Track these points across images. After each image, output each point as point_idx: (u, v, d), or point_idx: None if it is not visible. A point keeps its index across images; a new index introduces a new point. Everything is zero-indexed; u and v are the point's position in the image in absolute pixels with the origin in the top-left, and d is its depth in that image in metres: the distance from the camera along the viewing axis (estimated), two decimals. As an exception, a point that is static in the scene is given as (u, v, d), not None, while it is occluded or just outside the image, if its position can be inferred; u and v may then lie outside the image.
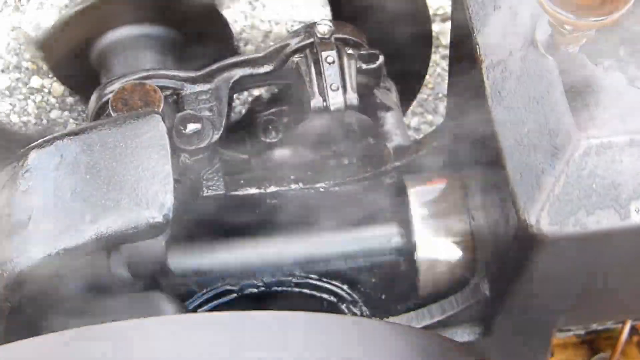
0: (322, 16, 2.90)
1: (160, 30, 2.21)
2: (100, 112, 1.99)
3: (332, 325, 1.35)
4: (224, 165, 1.94)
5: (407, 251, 1.88)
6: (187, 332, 1.28)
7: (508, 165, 1.42)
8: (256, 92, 2.70)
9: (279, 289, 1.92)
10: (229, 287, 1.91)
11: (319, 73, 1.90)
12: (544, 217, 1.37)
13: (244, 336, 1.29)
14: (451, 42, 1.84)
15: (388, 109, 2.06)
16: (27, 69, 3.51)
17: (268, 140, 2.09)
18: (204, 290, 1.90)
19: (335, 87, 1.88)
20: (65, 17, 2.19)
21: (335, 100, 1.88)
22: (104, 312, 1.69)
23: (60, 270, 1.57)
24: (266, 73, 2.01)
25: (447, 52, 3.46)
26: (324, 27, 1.93)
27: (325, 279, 1.93)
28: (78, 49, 2.22)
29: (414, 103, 3.01)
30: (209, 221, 1.90)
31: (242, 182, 1.94)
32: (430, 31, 2.29)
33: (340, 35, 2.00)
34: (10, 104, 3.42)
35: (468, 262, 1.84)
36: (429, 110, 3.50)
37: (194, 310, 1.89)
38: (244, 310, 1.37)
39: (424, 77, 2.47)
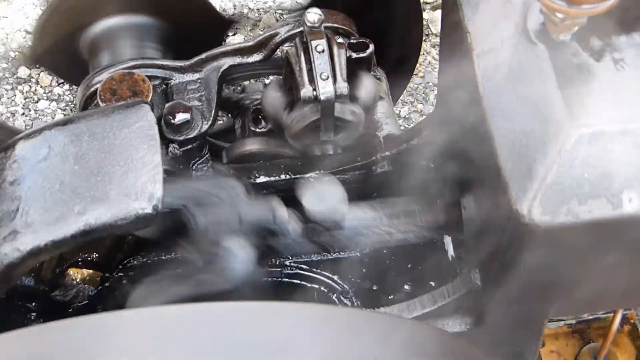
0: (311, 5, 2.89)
1: (149, 20, 2.19)
2: (89, 102, 1.97)
3: (324, 315, 1.34)
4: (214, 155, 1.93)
5: None
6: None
7: (499, 154, 1.41)
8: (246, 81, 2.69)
9: (269, 279, 1.91)
10: None
11: (309, 62, 1.88)
12: (536, 206, 1.36)
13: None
14: (442, 30, 1.83)
15: (378, 98, 2.05)
16: (14, 58, 3.49)
17: (258, 130, 2.08)
18: None
19: (325, 76, 1.86)
20: (53, 7, 2.17)
21: (325, 89, 1.86)
22: None
23: None
24: (256, 62, 1.99)
25: (437, 40, 3.46)
26: (314, 15, 1.91)
27: (316, 270, 1.92)
28: (67, 39, 2.21)
29: (404, 92, 3.00)
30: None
31: (231, 172, 1.93)
32: None
33: (330, 24, 1.99)
34: (-2, 94, 3.40)
35: None
36: (419, 99, 3.49)
37: None
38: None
39: None
